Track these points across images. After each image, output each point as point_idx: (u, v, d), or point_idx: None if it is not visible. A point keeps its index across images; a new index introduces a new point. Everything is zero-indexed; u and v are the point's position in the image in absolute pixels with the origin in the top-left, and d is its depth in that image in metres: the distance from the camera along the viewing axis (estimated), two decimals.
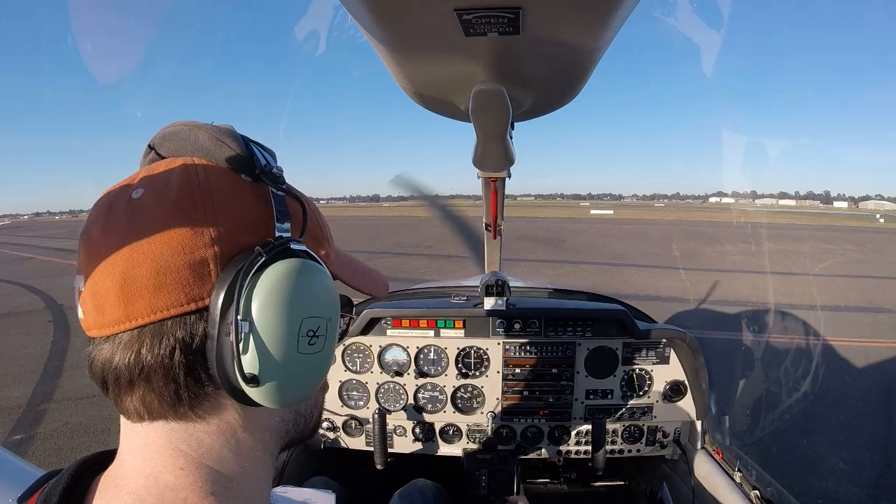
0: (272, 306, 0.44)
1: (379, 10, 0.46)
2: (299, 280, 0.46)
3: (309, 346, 0.47)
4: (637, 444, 1.85)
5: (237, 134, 0.50)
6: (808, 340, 6.29)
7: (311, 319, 0.47)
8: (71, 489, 0.46)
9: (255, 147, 0.51)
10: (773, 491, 1.51)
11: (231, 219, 0.46)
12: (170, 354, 0.43)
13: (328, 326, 0.49)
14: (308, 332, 0.47)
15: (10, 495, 0.93)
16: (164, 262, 0.43)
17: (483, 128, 0.75)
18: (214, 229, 0.45)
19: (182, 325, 0.43)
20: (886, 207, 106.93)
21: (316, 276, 0.49)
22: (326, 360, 0.51)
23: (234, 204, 0.47)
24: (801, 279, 11.75)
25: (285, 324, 0.45)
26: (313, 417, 0.59)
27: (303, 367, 0.47)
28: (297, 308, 0.46)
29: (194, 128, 0.50)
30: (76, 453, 3.90)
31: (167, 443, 0.45)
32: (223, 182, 0.48)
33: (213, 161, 0.49)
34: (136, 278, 0.42)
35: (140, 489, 0.44)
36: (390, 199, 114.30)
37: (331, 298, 0.50)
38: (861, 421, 4.25)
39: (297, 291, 0.46)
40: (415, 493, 1.59)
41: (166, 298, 0.43)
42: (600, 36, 0.51)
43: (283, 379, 0.46)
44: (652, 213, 55.43)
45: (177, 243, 0.43)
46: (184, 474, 0.45)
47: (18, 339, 7.03)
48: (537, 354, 1.80)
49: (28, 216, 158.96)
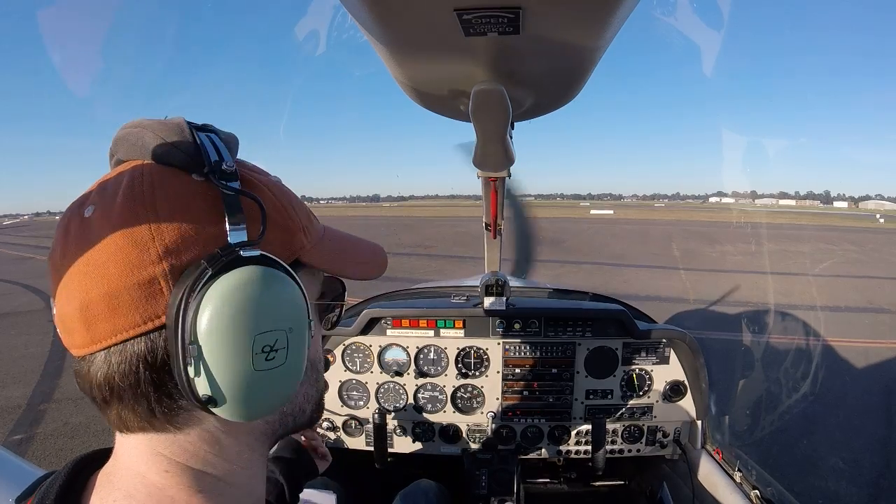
0: (219, 326, 0.41)
1: (379, 10, 0.46)
2: (249, 293, 0.43)
3: (266, 361, 0.44)
4: (637, 444, 1.85)
5: (186, 127, 0.47)
6: (808, 341, 6.28)
7: (266, 335, 0.44)
8: (68, 486, 0.46)
9: (208, 139, 0.47)
10: (773, 491, 1.51)
11: (177, 229, 0.43)
12: (136, 373, 0.42)
13: (289, 337, 0.46)
14: (264, 347, 0.43)
15: (10, 495, 0.93)
16: (114, 284, 0.42)
17: (483, 128, 0.75)
18: (160, 244, 0.42)
19: (144, 344, 0.42)
20: (886, 207, 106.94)
21: (271, 285, 0.45)
22: (292, 371, 0.47)
23: (181, 212, 0.44)
24: (801, 279, 11.75)
25: (235, 343, 0.42)
26: (305, 412, 0.57)
27: (263, 383, 0.45)
28: (247, 325, 0.43)
29: (140, 128, 0.47)
30: (76, 453, 3.86)
31: (150, 449, 0.46)
32: (169, 188, 0.44)
33: (161, 163, 0.46)
34: (91, 303, 0.42)
35: (130, 487, 0.45)
36: (390, 199, 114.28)
37: (290, 306, 0.46)
38: (861, 421, 4.25)
39: (247, 307, 0.43)
40: (418, 494, 1.59)
41: (123, 320, 0.42)
42: (600, 36, 0.51)
43: (242, 397, 0.44)
44: (652, 213, 55.44)
45: (123, 264, 0.42)
46: (169, 476, 0.45)
47: (18, 338, 7.02)
48: (537, 354, 1.80)
49: (28, 216, 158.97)
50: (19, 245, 26.21)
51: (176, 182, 0.45)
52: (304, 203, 0.56)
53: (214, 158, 0.46)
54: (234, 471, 0.49)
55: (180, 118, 0.48)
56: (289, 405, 0.54)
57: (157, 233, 0.42)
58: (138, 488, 0.45)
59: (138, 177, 0.45)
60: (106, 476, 0.47)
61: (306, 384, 0.55)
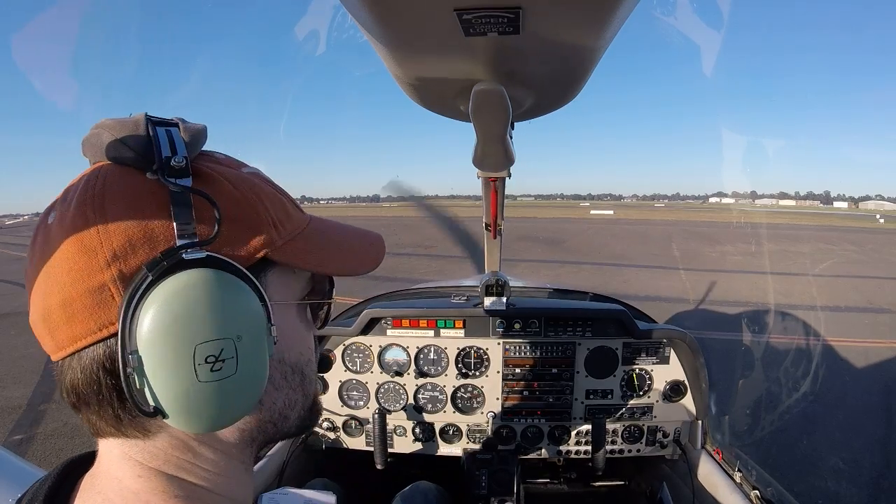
0: (158, 335, 0.40)
1: (379, 10, 0.46)
2: (188, 299, 0.40)
3: (212, 372, 0.41)
4: (637, 444, 1.85)
5: (143, 123, 0.44)
6: (808, 341, 6.28)
7: (208, 344, 0.41)
8: (56, 489, 0.46)
9: (166, 135, 0.44)
10: (773, 491, 1.51)
11: (125, 233, 0.41)
12: (97, 380, 0.42)
13: (238, 346, 0.42)
14: (207, 357, 0.41)
15: (10, 495, 0.93)
16: (68, 292, 0.41)
17: (483, 128, 0.75)
18: (108, 249, 0.41)
19: (102, 351, 0.42)
20: (886, 207, 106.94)
21: (215, 290, 0.42)
22: (247, 382, 0.44)
23: (130, 213, 0.42)
24: (801, 279, 11.75)
25: (175, 354, 0.40)
26: (289, 419, 0.53)
27: (211, 395, 0.42)
28: (186, 334, 0.40)
29: (101, 128, 0.45)
30: (75, 454, 3.87)
31: (123, 454, 0.46)
32: (119, 189, 0.43)
33: (117, 163, 0.44)
34: (51, 311, 0.42)
35: (109, 491, 0.45)
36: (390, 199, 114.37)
37: (239, 313, 0.43)
38: (861, 421, 4.25)
39: (186, 314, 0.40)
40: (417, 496, 1.59)
41: (80, 327, 0.41)
42: (600, 36, 0.51)
43: (190, 409, 0.42)
44: (652, 213, 55.43)
45: (75, 271, 0.41)
46: (142, 480, 0.45)
47: (19, 338, 7.03)
48: (537, 354, 1.80)
49: (28, 216, 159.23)
50: (20, 245, 26.21)
51: (128, 182, 0.43)
52: (280, 195, 0.52)
53: (166, 154, 0.43)
54: (213, 478, 0.48)
55: (141, 114, 0.45)
56: (266, 412, 0.50)
57: (104, 237, 0.41)
58: (116, 492, 0.45)
59: (93, 179, 0.43)
60: (90, 479, 0.47)
61: (286, 389, 0.51)
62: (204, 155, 0.50)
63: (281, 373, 0.51)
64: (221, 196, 0.45)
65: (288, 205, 0.53)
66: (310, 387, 0.56)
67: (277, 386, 0.50)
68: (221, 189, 0.46)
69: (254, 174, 0.51)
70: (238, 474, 0.51)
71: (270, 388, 0.49)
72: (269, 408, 0.50)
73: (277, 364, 0.50)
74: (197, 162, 0.47)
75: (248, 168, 0.52)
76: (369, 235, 0.62)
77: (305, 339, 0.55)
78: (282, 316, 0.50)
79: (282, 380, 0.51)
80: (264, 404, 0.50)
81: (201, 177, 0.45)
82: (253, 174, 0.51)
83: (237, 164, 0.52)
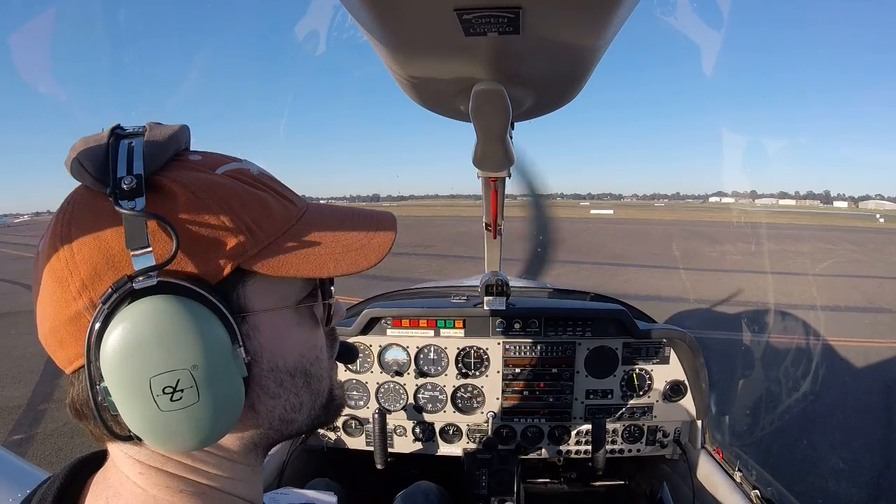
0: (115, 369, 0.39)
1: (379, 10, 0.46)
2: (136, 334, 0.39)
3: (172, 402, 0.40)
4: (637, 444, 1.85)
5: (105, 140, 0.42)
6: (808, 340, 6.29)
7: (162, 376, 0.40)
8: (66, 488, 0.47)
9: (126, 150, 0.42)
10: (773, 491, 1.51)
11: (90, 261, 0.41)
12: (91, 397, 0.42)
13: (195, 375, 0.41)
14: (164, 388, 0.40)
15: (10, 495, 0.93)
16: (52, 320, 0.43)
17: (483, 128, 0.75)
18: (77, 278, 0.41)
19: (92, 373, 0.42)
20: (886, 207, 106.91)
21: (161, 321, 0.40)
22: (214, 407, 0.42)
23: (92, 241, 0.41)
24: (801, 279, 11.75)
25: (132, 386, 0.40)
26: (295, 421, 0.52)
27: (180, 422, 0.41)
28: (137, 368, 0.39)
29: (73, 149, 0.43)
30: (76, 453, 3.86)
31: (126, 455, 0.47)
32: (83, 216, 0.42)
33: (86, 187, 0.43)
34: (46, 336, 0.44)
35: (119, 486, 0.46)
36: (390, 198, 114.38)
37: (192, 341, 0.40)
38: (861, 421, 4.25)
39: (134, 349, 0.39)
40: (418, 495, 1.59)
41: (70, 351, 0.43)
42: (600, 36, 0.51)
43: (162, 435, 0.42)
44: (652, 213, 55.43)
45: (54, 300, 0.42)
46: (144, 477, 0.46)
47: (19, 338, 7.02)
48: (537, 354, 1.80)
49: (28, 216, 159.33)
50: (20, 245, 26.22)
51: (90, 208, 0.42)
52: (263, 191, 0.48)
53: (121, 174, 0.40)
54: (217, 479, 0.49)
55: (106, 130, 0.44)
56: (264, 420, 0.49)
57: (73, 267, 0.41)
58: (125, 486, 0.46)
59: (65, 207, 0.44)
60: (103, 475, 0.48)
61: (285, 395, 0.49)
62: (177, 160, 0.46)
63: (275, 381, 0.49)
64: (180, 211, 0.42)
65: (272, 202, 0.48)
66: (319, 385, 0.53)
67: (273, 395, 0.49)
68: (185, 203, 0.43)
69: (233, 172, 0.48)
70: (244, 475, 0.51)
71: (265, 397, 0.48)
72: (266, 416, 0.49)
73: (269, 373, 0.48)
74: (161, 173, 0.44)
75: (229, 165, 0.49)
76: (375, 220, 0.55)
77: (308, 339, 0.52)
78: (271, 322, 0.48)
79: (277, 388, 0.49)
80: (260, 413, 0.48)
81: (160, 192, 0.42)
82: (232, 172, 0.48)
83: (214, 163, 0.48)
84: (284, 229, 0.48)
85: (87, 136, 0.44)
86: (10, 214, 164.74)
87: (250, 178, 0.49)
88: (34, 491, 0.49)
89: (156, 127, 0.45)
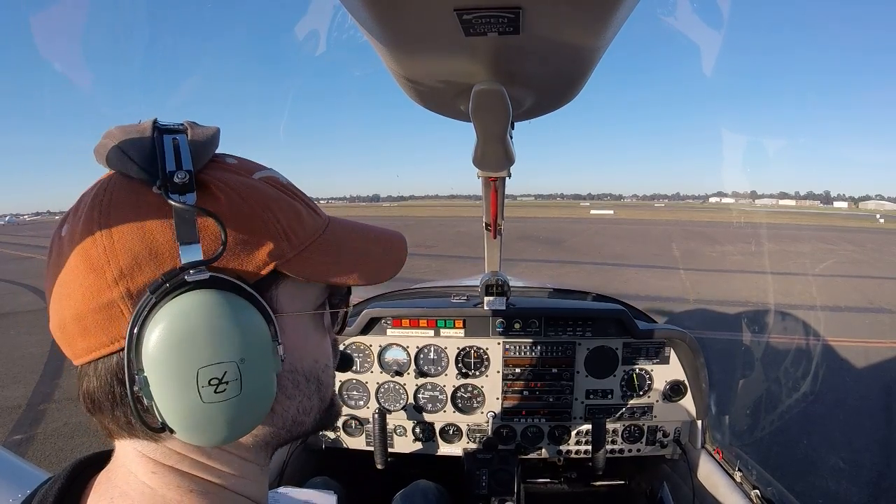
0: (161, 358, 0.40)
1: (379, 10, 0.46)
2: (189, 324, 0.40)
3: (216, 394, 0.41)
4: (637, 444, 1.85)
5: (149, 133, 0.43)
6: (808, 340, 6.29)
7: (211, 368, 0.41)
8: (68, 487, 0.47)
9: (172, 144, 0.43)
10: (773, 490, 1.51)
11: (131, 251, 0.41)
12: (111, 388, 0.43)
13: (241, 368, 0.42)
14: (210, 380, 0.41)
15: (10, 495, 0.93)
16: (80, 307, 0.42)
17: (483, 128, 0.75)
18: (115, 267, 0.41)
19: (115, 362, 0.42)
20: (886, 207, 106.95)
21: (217, 314, 0.41)
22: (252, 401, 0.44)
23: (135, 230, 0.41)
24: (801, 279, 11.75)
25: (178, 376, 0.40)
26: (305, 423, 0.53)
27: (217, 415, 0.42)
28: (187, 358, 0.40)
29: (109, 137, 0.43)
30: (76, 453, 3.88)
31: (137, 453, 0.46)
32: (125, 205, 0.42)
33: (124, 175, 0.44)
34: (66, 323, 0.43)
35: (126, 486, 0.46)
36: (390, 199, 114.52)
37: (242, 335, 0.42)
38: (861, 421, 4.25)
39: (187, 339, 0.40)
40: (417, 494, 1.59)
41: (93, 340, 0.42)
42: (600, 36, 0.51)
43: (196, 428, 0.42)
44: (652, 213, 55.42)
45: (84, 287, 0.41)
46: (156, 476, 0.46)
47: (19, 338, 7.03)
48: (537, 354, 1.80)
49: (28, 216, 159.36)
50: (20, 245, 26.22)
51: (133, 198, 0.43)
52: (294, 200, 0.50)
53: (171, 168, 0.41)
54: (227, 477, 0.49)
55: (148, 122, 0.44)
56: (278, 420, 0.50)
57: (111, 255, 0.41)
58: (133, 487, 0.45)
59: (100, 194, 0.43)
60: (106, 475, 0.48)
61: (299, 398, 0.51)
62: (215, 161, 0.48)
63: (293, 382, 0.50)
64: (228, 211, 0.44)
65: (303, 211, 0.51)
66: (327, 391, 0.55)
67: (289, 395, 0.50)
68: (228, 202, 0.44)
69: (267, 179, 0.50)
70: (253, 475, 0.52)
71: (282, 397, 0.49)
72: (281, 416, 0.50)
73: (289, 374, 0.49)
74: (204, 172, 0.45)
75: (263, 171, 0.51)
76: (390, 238, 0.59)
77: (321, 345, 0.54)
78: (294, 325, 0.49)
79: (294, 389, 0.50)
80: (276, 413, 0.49)
81: (207, 190, 0.44)
82: (266, 179, 0.50)
83: (250, 168, 0.50)
84: (314, 238, 0.50)
85: (123, 126, 0.44)
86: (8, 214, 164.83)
87: (281, 186, 0.51)
88: (35, 491, 0.49)
89: (196, 126, 0.46)
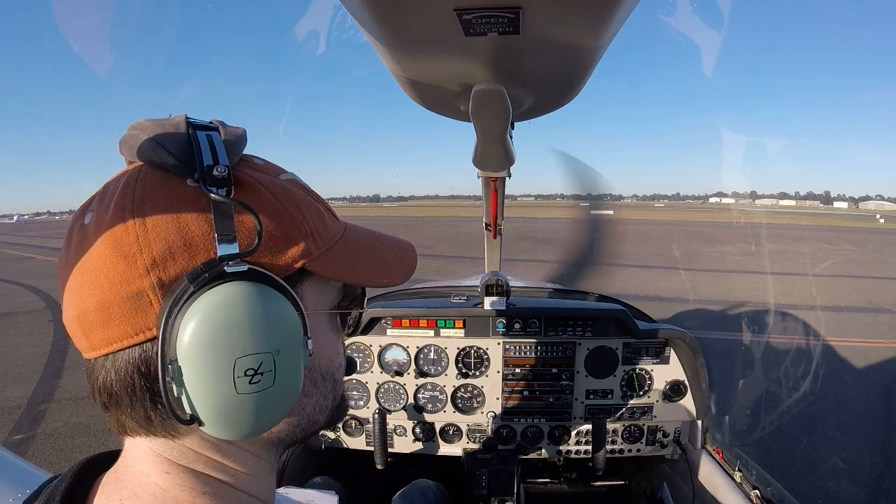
0: (198, 347, 0.40)
1: (379, 10, 0.46)
2: (230, 313, 0.41)
3: (251, 385, 0.42)
4: (637, 444, 1.85)
5: (183, 128, 0.44)
6: (808, 340, 6.29)
7: (248, 358, 0.41)
8: (74, 487, 0.46)
9: (207, 140, 0.44)
10: (773, 490, 1.51)
11: (165, 240, 0.41)
12: (131, 382, 0.42)
13: (276, 360, 0.43)
14: (246, 371, 0.41)
15: (10, 495, 0.93)
16: (105, 295, 0.41)
17: (483, 128, 0.75)
18: (147, 256, 0.41)
19: (138, 354, 0.42)
20: (886, 208, 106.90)
21: (256, 304, 0.42)
22: (282, 394, 0.45)
23: (170, 221, 0.42)
24: (801, 279, 11.75)
25: (215, 366, 0.41)
26: (318, 422, 0.54)
27: (249, 407, 0.43)
28: (226, 348, 0.41)
29: (139, 129, 0.44)
30: (77, 453, 3.91)
31: (151, 452, 0.46)
32: (159, 195, 0.42)
33: (157, 167, 0.44)
34: (87, 312, 0.42)
35: (136, 487, 0.45)
36: (390, 199, 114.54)
37: (278, 327, 0.43)
38: (861, 421, 4.25)
39: (227, 328, 0.41)
40: (416, 494, 1.59)
41: (117, 331, 0.42)
42: (600, 36, 0.51)
43: (226, 419, 0.42)
44: (652, 214, 55.42)
45: (113, 276, 0.41)
46: (170, 477, 0.45)
47: (19, 338, 7.03)
48: (537, 354, 1.80)
49: (28, 216, 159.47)
50: (20, 245, 26.22)
51: (167, 189, 0.43)
52: (317, 203, 0.52)
53: (208, 162, 0.42)
54: (239, 476, 0.49)
55: (181, 117, 0.45)
56: (295, 418, 0.51)
57: (144, 244, 0.41)
58: (144, 487, 0.45)
59: (132, 183, 0.43)
60: (114, 475, 0.47)
61: (316, 396, 0.52)
62: (243, 161, 0.49)
63: (311, 380, 0.51)
64: (261, 207, 0.45)
65: (325, 213, 0.52)
66: (339, 390, 0.57)
67: (307, 393, 0.51)
68: (261, 199, 0.45)
69: (292, 181, 0.51)
70: (264, 474, 0.52)
71: (301, 395, 0.49)
72: (298, 413, 0.51)
73: (308, 372, 0.50)
74: (236, 169, 0.46)
75: (286, 174, 0.52)
76: (401, 245, 0.61)
77: (335, 345, 0.56)
78: (314, 324, 0.50)
79: (312, 387, 0.51)
80: (294, 410, 0.50)
81: (241, 186, 0.45)
82: (291, 181, 0.51)
83: (275, 170, 0.51)
84: (336, 239, 0.52)
85: (155, 119, 0.45)
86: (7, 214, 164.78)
87: (304, 189, 0.52)
88: (39, 490, 0.49)
89: (226, 125, 0.48)
